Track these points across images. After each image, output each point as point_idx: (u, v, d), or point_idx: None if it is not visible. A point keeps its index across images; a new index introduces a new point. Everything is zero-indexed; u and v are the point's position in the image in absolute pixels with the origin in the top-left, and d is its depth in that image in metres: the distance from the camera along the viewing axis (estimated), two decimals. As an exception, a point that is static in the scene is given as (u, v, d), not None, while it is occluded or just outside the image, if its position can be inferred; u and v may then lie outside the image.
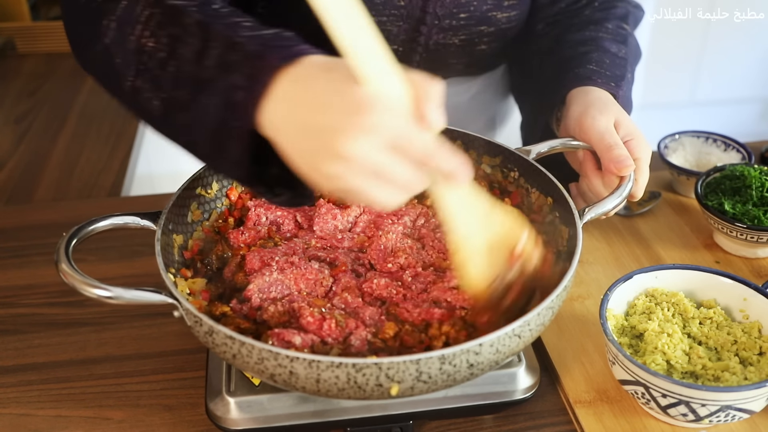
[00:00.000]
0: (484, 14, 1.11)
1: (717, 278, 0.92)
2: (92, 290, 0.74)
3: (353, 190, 0.63)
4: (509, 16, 1.13)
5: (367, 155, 0.61)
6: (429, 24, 1.10)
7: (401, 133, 0.62)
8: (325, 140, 0.61)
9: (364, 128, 0.60)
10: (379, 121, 0.61)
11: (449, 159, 0.64)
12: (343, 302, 0.82)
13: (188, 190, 0.91)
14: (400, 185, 0.63)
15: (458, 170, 0.65)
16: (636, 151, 0.92)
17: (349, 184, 0.62)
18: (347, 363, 0.66)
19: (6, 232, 1.21)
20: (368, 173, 0.62)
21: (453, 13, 1.10)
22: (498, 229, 0.77)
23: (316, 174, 0.64)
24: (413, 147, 0.62)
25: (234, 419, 0.81)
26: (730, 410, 0.78)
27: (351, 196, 0.64)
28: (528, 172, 0.96)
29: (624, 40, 1.10)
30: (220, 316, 0.80)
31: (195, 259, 0.89)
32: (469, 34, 1.13)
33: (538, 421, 0.87)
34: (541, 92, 1.09)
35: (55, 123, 1.78)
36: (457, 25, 1.11)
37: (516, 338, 0.73)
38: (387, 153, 0.62)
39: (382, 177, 0.62)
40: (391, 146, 0.62)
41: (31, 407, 0.89)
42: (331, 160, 0.61)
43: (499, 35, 1.16)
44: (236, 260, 0.88)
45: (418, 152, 0.63)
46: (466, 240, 0.74)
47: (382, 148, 0.61)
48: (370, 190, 0.63)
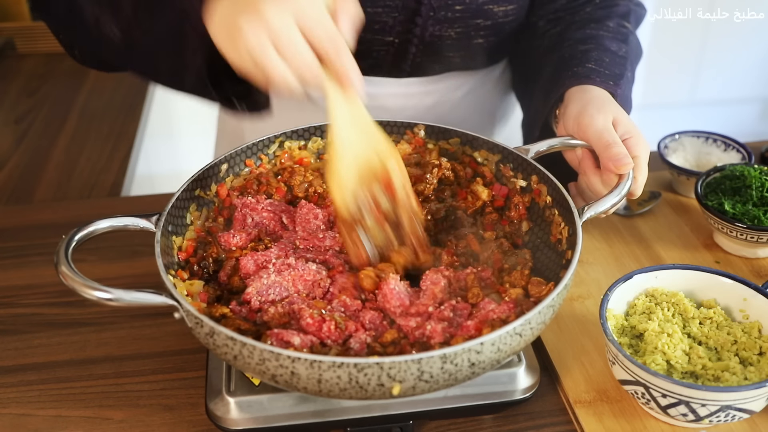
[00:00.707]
0: (480, 7, 1.11)
1: (717, 278, 0.92)
2: (92, 292, 0.73)
3: (255, 51, 0.71)
4: (506, 10, 1.13)
5: (276, 18, 0.70)
6: (424, 15, 1.10)
7: (314, 16, 0.71)
8: (248, 5, 0.71)
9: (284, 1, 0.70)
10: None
11: (348, 61, 0.73)
12: (342, 305, 0.82)
13: (187, 192, 0.91)
14: (296, 64, 0.71)
15: (352, 75, 0.74)
16: (634, 149, 0.92)
17: (252, 42, 0.70)
18: (349, 363, 0.66)
19: (6, 232, 1.21)
20: (272, 36, 0.70)
21: (448, 5, 1.10)
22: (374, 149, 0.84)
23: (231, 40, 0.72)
24: (319, 32, 0.71)
25: (234, 419, 0.81)
26: (730, 410, 0.78)
27: (251, 61, 0.72)
28: (527, 170, 0.96)
29: (625, 39, 1.10)
30: (219, 317, 0.80)
31: (190, 261, 0.89)
32: (466, 26, 1.13)
33: (538, 421, 0.87)
34: (540, 90, 1.09)
35: (55, 123, 1.78)
36: (453, 17, 1.11)
37: (517, 337, 0.73)
38: (294, 27, 0.71)
39: (282, 48, 0.71)
40: (300, 24, 0.71)
41: (31, 407, 0.89)
42: (247, 21, 0.70)
43: (497, 29, 1.16)
44: (231, 263, 0.88)
45: (323, 40, 0.72)
46: (342, 148, 0.80)
47: (293, 22, 0.70)
48: (271, 60, 0.71)
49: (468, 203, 0.98)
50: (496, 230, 0.96)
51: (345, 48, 0.74)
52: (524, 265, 0.89)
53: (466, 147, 1.02)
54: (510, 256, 0.91)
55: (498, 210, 0.98)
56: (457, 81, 1.25)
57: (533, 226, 0.95)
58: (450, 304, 0.82)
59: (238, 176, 0.99)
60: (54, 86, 1.98)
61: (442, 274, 0.86)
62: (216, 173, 0.96)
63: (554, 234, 0.91)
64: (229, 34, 0.74)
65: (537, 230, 0.95)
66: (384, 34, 1.12)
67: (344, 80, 0.75)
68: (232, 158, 0.98)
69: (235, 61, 0.75)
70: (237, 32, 0.72)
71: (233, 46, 0.74)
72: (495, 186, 0.99)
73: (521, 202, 0.96)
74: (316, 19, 0.72)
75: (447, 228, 0.97)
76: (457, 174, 1.02)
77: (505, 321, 0.79)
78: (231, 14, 0.74)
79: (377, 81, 1.21)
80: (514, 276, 0.87)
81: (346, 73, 0.75)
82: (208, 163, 0.95)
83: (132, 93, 1.94)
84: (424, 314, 0.81)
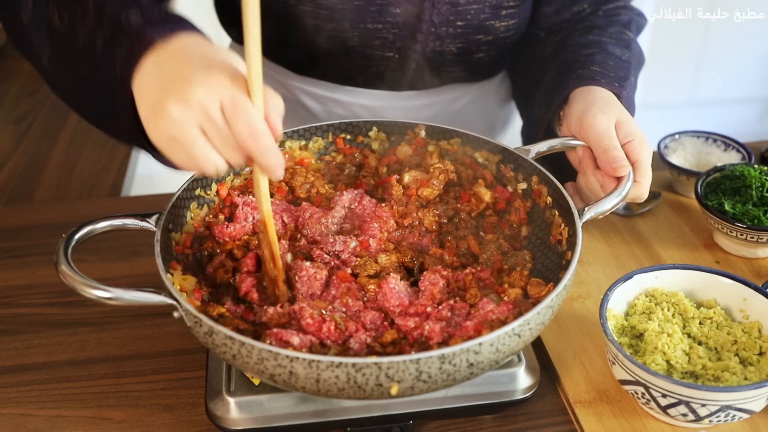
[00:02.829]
0: (482, 23, 1.11)
1: (717, 278, 0.92)
2: (92, 291, 0.74)
3: (180, 137, 0.69)
4: (507, 25, 1.13)
5: (206, 104, 0.68)
6: (425, 32, 1.09)
7: (243, 103, 0.68)
8: (175, 85, 0.69)
9: (214, 82, 0.68)
10: (229, 83, 0.69)
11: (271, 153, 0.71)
12: (344, 306, 0.83)
13: (188, 191, 0.91)
14: (221, 146, 0.70)
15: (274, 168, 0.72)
16: (636, 152, 0.92)
17: (177, 129, 0.69)
18: (347, 363, 0.66)
19: (6, 232, 1.21)
20: (201, 121, 0.69)
21: (449, 21, 1.09)
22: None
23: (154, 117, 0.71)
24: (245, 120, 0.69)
25: (234, 419, 0.81)
26: (730, 410, 0.78)
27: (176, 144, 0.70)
28: (528, 171, 0.96)
29: (627, 45, 1.10)
30: (217, 317, 0.80)
31: (186, 253, 0.89)
32: (467, 42, 1.12)
33: (538, 421, 0.87)
34: (543, 94, 1.09)
35: (55, 123, 1.78)
36: (454, 33, 1.11)
37: (516, 337, 0.73)
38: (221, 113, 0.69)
39: (209, 131, 0.69)
40: (228, 108, 0.68)
41: (31, 407, 0.89)
42: (172, 102, 0.68)
43: (498, 44, 1.15)
44: (221, 258, 0.88)
45: (248, 127, 0.69)
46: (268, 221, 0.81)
47: (219, 107, 0.68)
48: (194, 141, 0.69)
49: (471, 206, 0.98)
50: (496, 233, 0.96)
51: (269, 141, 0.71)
52: (524, 266, 0.89)
53: (466, 147, 1.02)
54: (510, 257, 0.91)
55: (498, 213, 0.98)
56: (456, 93, 1.25)
57: (533, 227, 0.95)
58: (448, 304, 0.82)
59: (239, 175, 0.99)
60: (54, 86, 1.98)
61: (441, 275, 0.86)
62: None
63: (554, 235, 0.91)
64: (152, 110, 0.71)
65: (537, 231, 0.95)
66: (384, 50, 1.12)
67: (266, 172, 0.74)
68: (232, 158, 0.98)
69: (158, 143, 0.73)
70: (163, 116, 0.69)
71: (156, 127, 0.71)
72: (498, 188, 0.99)
73: (522, 206, 0.96)
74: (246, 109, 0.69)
75: (451, 230, 0.97)
76: (459, 175, 1.02)
77: (503, 322, 0.79)
78: (156, 91, 0.71)
79: (377, 94, 1.21)
80: (514, 277, 0.87)
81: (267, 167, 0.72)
82: (209, 163, 0.95)
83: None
84: (422, 314, 0.82)
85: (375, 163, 1.04)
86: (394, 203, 0.97)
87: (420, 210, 0.97)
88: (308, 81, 1.23)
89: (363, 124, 1.05)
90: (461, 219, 0.97)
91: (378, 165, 1.04)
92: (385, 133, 1.05)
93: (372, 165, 1.04)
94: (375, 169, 1.04)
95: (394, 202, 0.97)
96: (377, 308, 0.83)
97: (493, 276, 0.89)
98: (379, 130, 1.05)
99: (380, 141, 1.06)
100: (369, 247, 0.91)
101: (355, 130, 1.05)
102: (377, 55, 1.13)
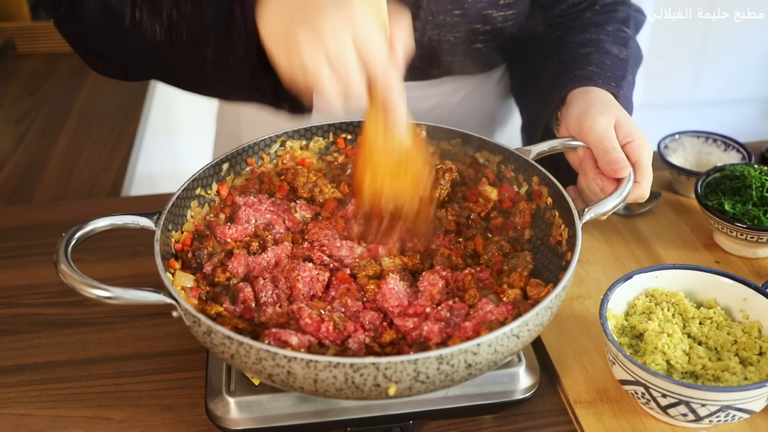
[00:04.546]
0: (479, 12, 1.11)
1: (717, 278, 0.92)
2: (91, 290, 0.74)
3: (310, 68, 0.71)
4: (505, 15, 1.13)
5: (334, 35, 0.70)
6: (422, 20, 1.09)
7: (371, 38, 0.71)
8: (306, 15, 0.71)
9: (344, 17, 0.70)
10: (359, 19, 0.71)
11: (395, 92, 0.74)
12: (344, 306, 0.82)
13: (188, 191, 0.91)
14: (345, 80, 0.72)
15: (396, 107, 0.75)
16: (636, 152, 0.92)
17: (307, 56, 0.71)
18: (345, 363, 0.66)
19: (6, 232, 1.21)
20: (327, 52, 0.70)
21: (447, 10, 1.10)
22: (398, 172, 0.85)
23: (284, 46, 0.72)
24: (373, 57, 0.71)
25: (234, 419, 0.81)
26: (730, 410, 0.78)
27: (303, 72, 0.72)
28: (528, 172, 0.96)
29: (625, 43, 1.10)
30: (215, 316, 0.80)
31: (186, 251, 0.89)
32: (465, 31, 1.13)
33: (538, 421, 0.87)
34: (541, 94, 1.09)
35: (55, 123, 1.78)
36: (452, 21, 1.11)
37: (514, 338, 0.72)
38: (351, 47, 0.71)
39: (334, 64, 0.71)
40: (356, 44, 0.71)
41: (31, 407, 0.89)
42: (303, 31, 0.70)
43: (496, 34, 1.15)
44: (220, 256, 0.88)
45: (376, 65, 0.72)
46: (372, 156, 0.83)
47: (349, 40, 0.70)
48: (321, 72, 0.71)
49: (480, 206, 0.98)
50: (501, 235, 0.96)
51: (395, 78, 0.74)
52: (524, 267, 0.89)
53: (467, 148, 1.02)
54: (511, 258, 0.91)
55: (504, 213, 0.98)
56: (455, 85, 1.25)
57: (535, 229, 0.95)
58: (447, 305, 0.82)
59: (240, 175, 0.99)
60: (54, 86, 1.98)
61: (440, 275, 0.86)
62: (217, 172, 0.96)
63: (554, 236, 0.90)
64: (285, 42, 0.73)
65: (537, 232, 0.95)
66: None
67: (388, 111, 0.76)
68: (233, 157, 0.98)
69: (285, 69, 0.75)
70: (293, 44, 0.72)
71: (287, 55, 0.73)
72: (504, 186, 0.99)
73: (527, 208, 0.96)
74: (373, 43, 0.72)
75: (462, 230, 0.97)
76: (461, 174, 1.02)
77: (502, 322, 0.79)
78: (287, 22, 0.73)
79: None
80: (513, 277, 0.87)
81: (390, 105, 0.75)
82: (209, 162, 0.95)
83: (132, 93, 1.94)
84: (421, 315, 0.82)
85: None
86: None
87: (437, 211, 0.97)
88: None
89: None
90: (472, 220, 0.97)
91: None
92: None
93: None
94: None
95: None
96: (376, 308, 0.83)
97: (492, 276, 0.89)
98: (379, 130, 1.05)
99: (381, 141, 1.05)
100: (378, 254, 0.91)
101: (356, 130, 1.05)
102: None
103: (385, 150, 0.83)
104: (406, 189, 0.86)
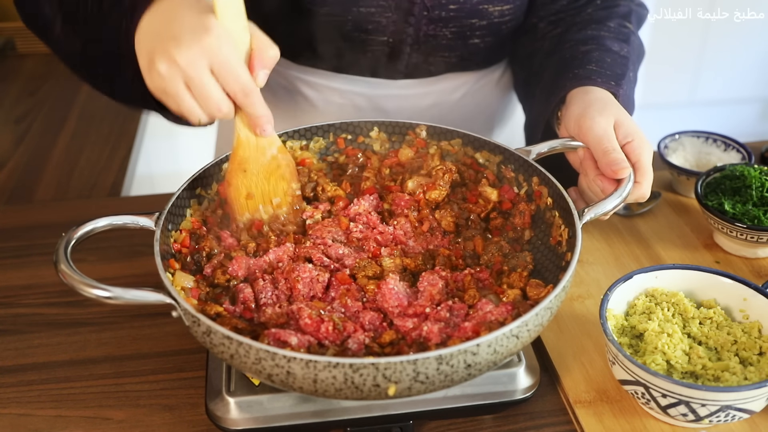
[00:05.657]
0: (475, 6, 1.11)
1: (717, 278, 0.92)
2: (91, 290, 0.74)
3: (169, 91, 0.79)
4: (502, 10, 1.13)
5: (190, 65, 0.76)
6: (417, 15, 1.09)
7: (228, 63, 0.78)
8: (165, 44, 0.77)
9: (198, 45, 0.76)
10: (214, 45, 0.77)
11: (257, 107, 0.82)
12: (343, 306, 0.82)
13: (188, 191, 0.91)
14: (205, 103, 0.79)
15: (261, 121, 0.84)
16: (636, 152, 0.91)
17: (167, 84, 0.78)
18: (344, 363, 0.66)
19: (6, 232, 1.21)
20: (184, 77, 0.77)
21: (442, 4, 1.10)
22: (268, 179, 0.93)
23: (149, 71, 0.79)
24: (229, 79, 0.78)
25: (234, 419, 0.81)
26: (730, 410, 0.78)
27: (166, 97, 0.80)
28: (528, 172, 0.96)
29: (626, 39, 1.10)
30: (214, 316, 0.80)
31: (183, 252, 0.89)
32: (461, 26, 1.13)
33: (538, 421, 0.87)
34: (541, 92, 1.09)
35: (55, 123, 1.78)
36: (447, 16, 1.11)
37: (514, 339, 0.72)
38: (207, 72, 0.77)
39: (192, 88, 0.78)
40: (212, 67, 0.77)
41: (31, 407, 0.89)
42: (161, 60, 0.77)
43: (493, 29, 1.15)
44: (219, 257, 0.88)
45: (232, 86, 0.79)
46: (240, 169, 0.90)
47: (204, 66, 0.77)
48: (180, 96, 0.78)
49: (480, 207, 0.98)
50: (501, 236, 0.96)
51: (254, 93, 0.81)
52: (524, 268, 0.89)
53: (467, 148, 1.02)
54: (511, 259, 0.91)
55: (503, 214, 0.98)
56: (454, 83, 1.25)
57: (535, 229, 0.95)
58: (447, 305, 0.82)
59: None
60: (54, 86, 1.98)
61: (440, 275, 0.86)
62: (217, 172, 0.96)
63: (554, 236, 0.90)
64: (148, 69, 0.80)
65: (537, 232, 0.94)
66: (378, 34, 1.12)
67: (253, 125, 0.85)
68: (232, 158, 0.98)
69: (151, 88, 0.82)
70: (155, 71, 0.78)
71: (151, 80, 0.80)
72: (504, 187, 0.99)
73: (527, 209, 0.95)
74: (228, 66, 0.78)
75: (462, 231, 0.97)
76: (461, 175, 1.02)
77: (502, 323, 0.79)
78: (150, 50, 0.79)
79: (374, 82, 1.21)
80: (513, 278, 0.87)
81: (255, 119, 0.84)
82: (210, 162, 0.95)
83: (132, 93, 1.94)
84: (421, 315, 0.81)
85: (378, 164, 1.04)
86: (408, 212, 0.97)
87: (436, 212, 0.97)
88: (305, 69, 1.23)
89: (364, 124, 1.05)
90: (471, 220, 0.97)
91: (381, 166, 1.04)
92: (386, 134, 1.05)
93: (375, 166, 1.04)
94: (378, 170, 1.04)
95: (408, 211, 0.97)
96: (376, 309, 0.83)
97: (492, 277, 0.89)
98: (380, 131, 1.05)
99: (381, 141, 1.06)
100: (380, 255, 0.91)
101: (356, 130, 1.05)
102: (371, 40, 1.13)
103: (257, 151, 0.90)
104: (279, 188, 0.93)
